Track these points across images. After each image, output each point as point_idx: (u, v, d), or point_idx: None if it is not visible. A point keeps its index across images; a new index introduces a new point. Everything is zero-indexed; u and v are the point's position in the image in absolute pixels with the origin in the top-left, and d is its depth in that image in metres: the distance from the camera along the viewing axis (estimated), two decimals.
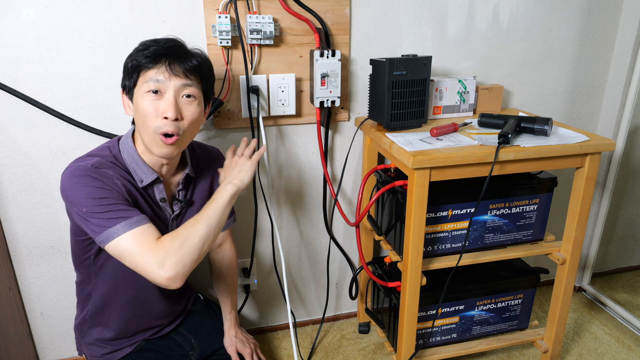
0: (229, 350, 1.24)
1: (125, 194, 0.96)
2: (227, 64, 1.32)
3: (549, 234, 1.43)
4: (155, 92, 0.94)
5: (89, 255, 1.06)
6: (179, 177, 1.11)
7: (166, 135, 0.96)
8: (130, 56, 0.98)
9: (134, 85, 0.97)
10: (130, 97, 0.99)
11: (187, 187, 1.13)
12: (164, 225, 1.09)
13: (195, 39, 1.29)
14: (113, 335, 1.15)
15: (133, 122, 1.05)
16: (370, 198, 1.44)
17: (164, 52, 0.95)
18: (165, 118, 0.95)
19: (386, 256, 1.42)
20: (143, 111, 0.95)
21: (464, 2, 1.46)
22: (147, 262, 0.89)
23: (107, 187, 0.93)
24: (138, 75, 0.96)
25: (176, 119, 0.95)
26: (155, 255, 0.89)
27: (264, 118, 1.41)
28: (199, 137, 1.39)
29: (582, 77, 1.67)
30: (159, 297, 1.17)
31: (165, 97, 0.95)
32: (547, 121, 1.24)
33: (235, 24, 1.28)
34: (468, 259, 1.31)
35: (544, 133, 1.25)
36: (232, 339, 1.26)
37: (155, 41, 0.98)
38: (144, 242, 0.90)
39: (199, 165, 1.16)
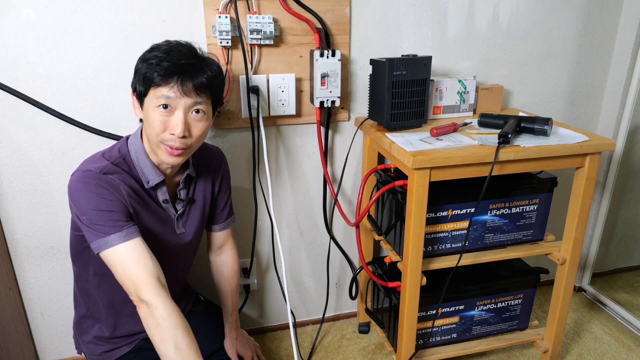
0: (229, 353, 1.24)
1: (128, 205, 0.97)
2: (227, 64, 1.32)
3: (549, 234, 1.43)
4: (165, 107, 0.95)
5: (87, 250, 1.06)
6: (180, 177, 1.11)
7: (171, 147, 0.97)
8: (142, 61, 0.96)
9: (145, 94, 0.97)
10: (141, 103, 0.99)
11: (187, 186, 1.13)
12: (168, 226, 1.09)
13: (195, 39, 1.28)
14: (111, 334, 1.15)
15: (141, 120, 1.05)
16: (370, 198, 1.44)
17: (176, 71, 0.94)
18: (173, 134, 0.96)
19: (386, 256, 1.42)
20: (152, 123, 0.96)
21: (464, 2, 1.46)
22: (132, 291, 0.93)
23: (111, 197, 0.94)
24: (149, 87, 0.95)
25: (183, 136, 0.97)
26: (142, 295, 0.91)
27: (264, 118, 1.41)
28: None
29: (582, 77, 1.67)
30: None
31: (175, 114, 0.96)
32: (547, 121, 1.24)
33: (235, 24, 1.28)
34: (468, 259, 1.31)
35: (544, 133, 1.25)
36: (233, 342, 1.26)
37: (167, 53, 0.95)
38: (139, 260, 0.93)
39: (199, 165, 1.16)
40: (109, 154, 1.02)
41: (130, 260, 0.93)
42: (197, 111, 0.98)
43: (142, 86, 0.97)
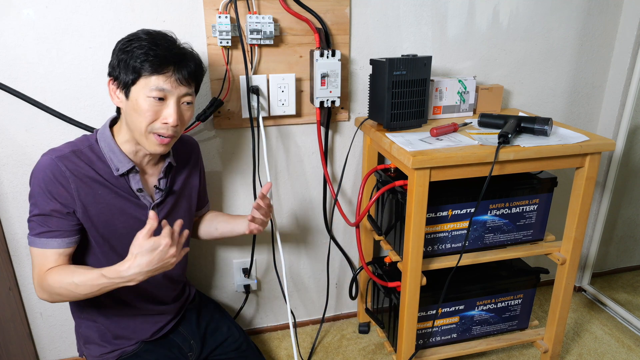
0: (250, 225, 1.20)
1: (69, 199, 0.99)
2: (227, 64, 1.32)
3: (549, 234, 1.43)
4: (159, 97, 0.96)
5: (76, 256, 1.06)
6: (161, 166, 1.12)
7: (161, 135, 0.99)
8: (124, 51, 0.95)
9: (132, 83, 0.96)
10: (125, 92, 0.98)
11: (167, 176, 1.14)
12: (143, 214, 1.09)
13: (195, 39, 1.29)
14: (110, 335, 1.15)
15: (117, 111, 1.06)
16: (370, 198, 1.44)
17: (170, 60, 0.95)
18: (166, 123, 0.97)
19: (386, 256, 1.42)
20: (143, 113, 0.96)
21: (464, 2, 1.46)
22: (33, 281, 1.03)
23: (50, 196, 0.97)
24: (139, 76, 0.95)
25: (175, 125, 0.98)
26: (37, 283, 1.01)
27: (264, 118, 1.41)
28: (198, 137, 1.39)
29: (582, 77, 1.67)
30: (153, 299, 1.17)
31: (167, 104, 0.97)
32: (547, 121, 1.24)
33: (235, 24, 1.28)
34: (468, 259, 1.31)
35: (544, 133, 1.25)
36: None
37: (156, 43, 0.95)
38: (39, 266, 1.00)
39: (177, 154, 1.17)
40: (76, 141, 1.04)
41: (34, 264, 1.02)
42: (188, 102, 1.01)
43: (129, 75, 0.95)
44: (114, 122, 1.07)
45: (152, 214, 0.90)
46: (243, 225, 1.25)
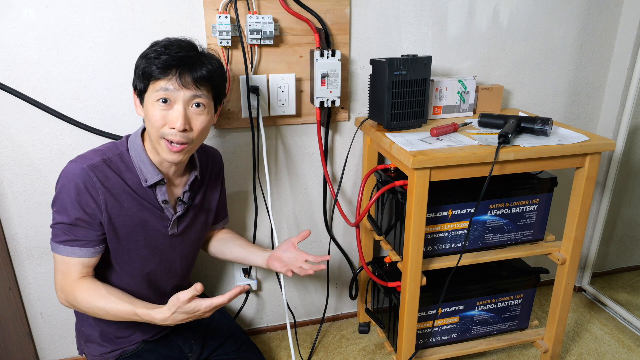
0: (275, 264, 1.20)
1: (97, 210, 0.98)
2: (227, 64, 1.32)
3: (549, 234, 1.44)
4: (165, 101, 0.95)
5: None
6: (186, 179, 1.11)
7: (172, 142, 0.97)
8: (142, 57, 0.97)
9: (145, 90, 0.97)
10: (141, 100, 0.99)
11: (192, 189, 1.13)
12: (164, 226, 1.09)
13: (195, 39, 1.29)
14: (111, 335, 1.15)
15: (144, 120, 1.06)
16: (370, 198, 1.45)
17: (174, 63, 0.94)
18: (173, 128, 0.96)
19: (386, 256, 1.42)
20: (151, 118, 0.96)
21: (464, 2, 1.46)
22: (55, 285, 1.03)
23: (78, 207, 0.97)
24: (149, 82, 0.96)
25: (184, 130, 0.96)
26: (60, 288, 1.02)
27: (264, 118, 1.41)
28: None
29: (582, 77, 1.67)
30: (155, 300, 1.17)
31: (174, 108, 0.96)
32: (547, 121, 1.24)
33: (235, 24, 1.28)
34: (468, 259, 1.31)
35: (544, 133, 1.25)
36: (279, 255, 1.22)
37: (166, 47, 0.96)
38: (62, 272, 1.01)
39: (201, 167, 1.16)
40: (105, 148, 1.03)
41: (58, 270, 1.02)
42: (198, 104, 0.98)
43: (142, 82, 0.97)
44: (144, 130, 1.06)
45: (199, 286, 0.93)
46: (261, 258, 1.24)
